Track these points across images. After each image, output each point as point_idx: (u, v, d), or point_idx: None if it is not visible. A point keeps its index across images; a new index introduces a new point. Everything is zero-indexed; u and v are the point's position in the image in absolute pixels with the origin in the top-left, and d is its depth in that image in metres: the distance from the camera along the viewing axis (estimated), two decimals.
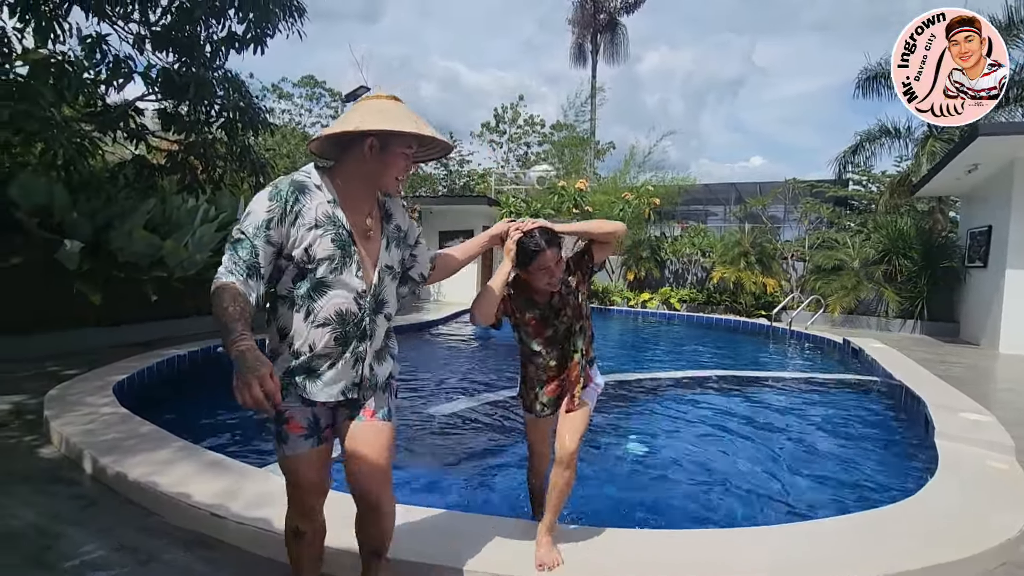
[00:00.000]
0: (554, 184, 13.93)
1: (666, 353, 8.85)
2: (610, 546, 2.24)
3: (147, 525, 2.50)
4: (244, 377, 1.23)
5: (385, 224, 1.68)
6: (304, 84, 26.44)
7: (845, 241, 12.32)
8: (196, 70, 5.42)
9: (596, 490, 3.32)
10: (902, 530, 2.44)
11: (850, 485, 3.52)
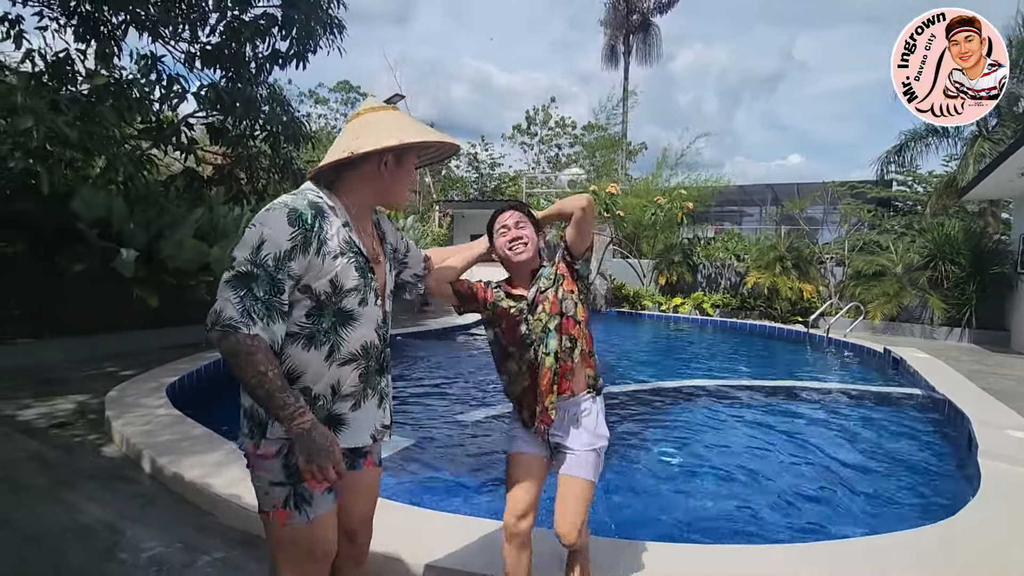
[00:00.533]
0: (584, 187, 13.92)
1: (698, 359, 8.77)
2: (649, 560, 2.29)
3: (203, 524, 2.67)
4: (319, 461, 1.15)
5: (384, 244, 1.55)
6: (339, 89, 27.12)
7: (887, 245, 11.93)
8: (242, 86, 5.69)
9: (628, 500, 3.37)
10: (937, 553, 2.41)
11: (885, 502, 3.47)
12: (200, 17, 5.93)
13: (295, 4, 5.42)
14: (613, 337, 10.72)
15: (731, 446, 4.47)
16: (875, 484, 3.76)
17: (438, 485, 3.51)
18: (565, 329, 1.77)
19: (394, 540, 2.25)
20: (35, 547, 2.42)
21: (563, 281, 1.82)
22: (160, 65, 5.54)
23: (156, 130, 5.51)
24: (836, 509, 3.36)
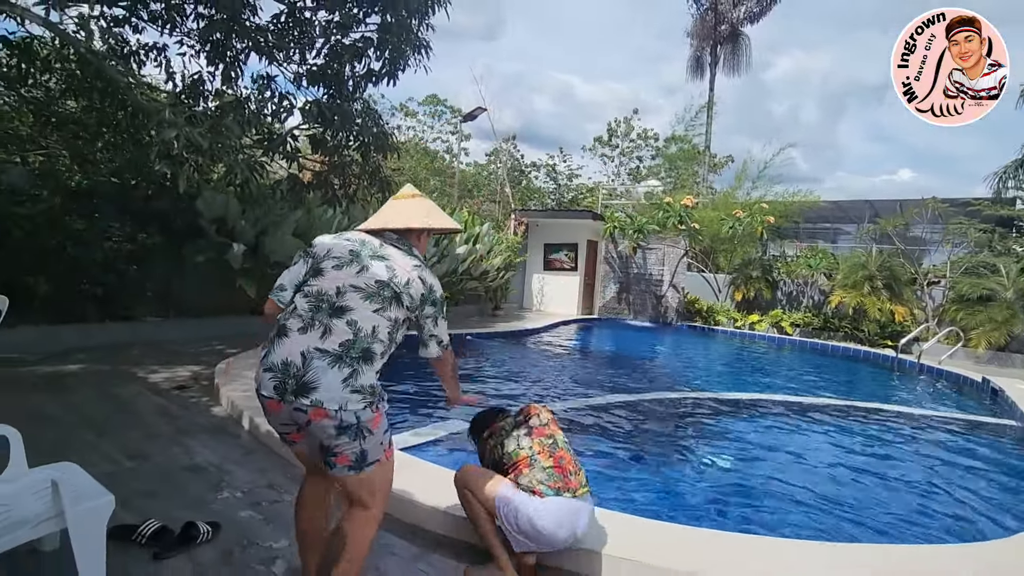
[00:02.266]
0: (660, 199, 13.84)
1: (773, 378, 8.50)
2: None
3: (290, 472, 3.14)
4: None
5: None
6: (428, 103, 28.53)
7: (997, 267, 10.89)
8: (340, 102, 6.38)
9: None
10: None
11: (955, 533, 3.34)
12: (309, 42, 6.72)
13: (389, 28, 6.02)
14: (683, 350, 10.60)
15: (789, 461, 4.43)
16: (942, 510, 3.62)
17: None
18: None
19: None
20: (163, 478, 2.98)
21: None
22: (273, 84, 6.35)
23: (267, 140, 6.31)
24: (896, 536, 3.29)
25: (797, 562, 2.36)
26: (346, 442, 1.68)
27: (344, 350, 1.69)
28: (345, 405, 1.65)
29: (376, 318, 1.76)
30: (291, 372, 1.66)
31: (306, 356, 1.66)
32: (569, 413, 5.28)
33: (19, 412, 3.78)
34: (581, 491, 2.12)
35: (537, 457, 2.13)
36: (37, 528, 1.76)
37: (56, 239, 5.63)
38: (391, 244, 1.94)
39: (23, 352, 5.39)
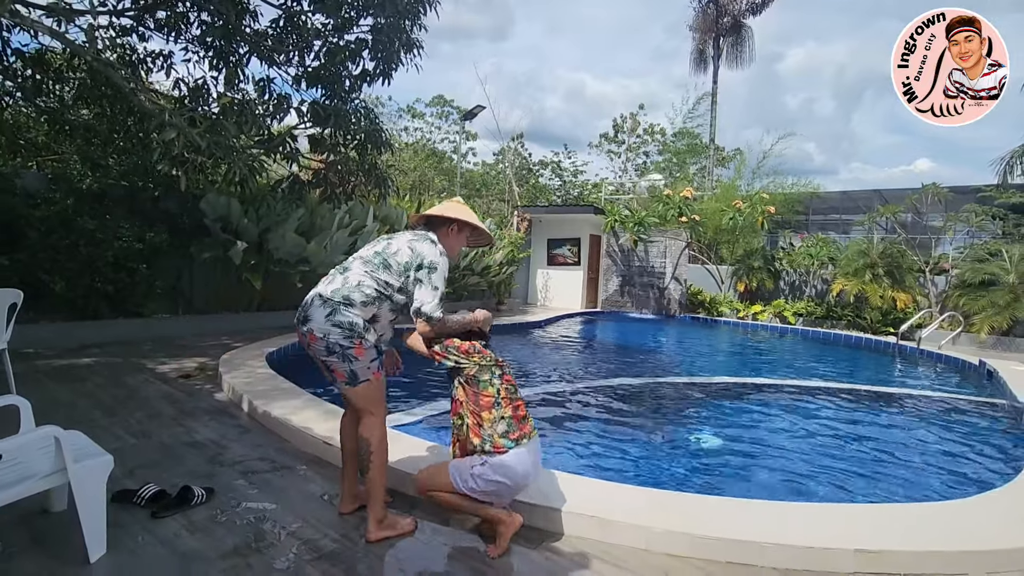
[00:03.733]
0: (660, 193, 13.92)
1: (774, 365, 8.57)
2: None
3: (283, 447, 3.35)
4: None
5: None
6: (435, 104, 28.78)
7: (999, 252, 10.82)
8: (336, 102, 6.60)
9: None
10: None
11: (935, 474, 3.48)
12: (306, 45, 6.94)
13: (381, 30, 6.22)
14: (685, 340, 10.69)
15: (798, 433, 4.57)
16: (917, 478, 3.75)
17: None
18: (455, 410, 2.39)
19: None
20: (165, 452, 3.20)
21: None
22: (272, 86, 6.58)
23: (267, 141, 6.55)
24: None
25: (787, 519, 2.51)
26: (336, 362, 2.23)
27: (331, 295, 2.23)
28: (328, 335, 2.19)
29: (364, 276, 2.27)
30: (303, 307, 2.27)
31: (311, 299, 2.27)
32: (573, 395, 5.45)
33: (32, 397, 4.03)
34: (533, 434, 2.36)
35: (501, 402, 2.30)
36: (45, 480, 1.97)
37: (70, 239, 5.91)
38: (411, 230, 2.48)
39: (40, 347, 5.68)
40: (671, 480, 3.54)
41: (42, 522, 2.33)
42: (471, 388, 2.32)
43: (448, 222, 2.48)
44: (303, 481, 2.91)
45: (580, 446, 4.08)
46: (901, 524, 2.52)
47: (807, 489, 3.48)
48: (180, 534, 2.31)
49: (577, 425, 4.60)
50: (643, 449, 4.16)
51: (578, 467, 3.59)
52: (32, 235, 5.78)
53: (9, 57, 6.68)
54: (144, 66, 7.28)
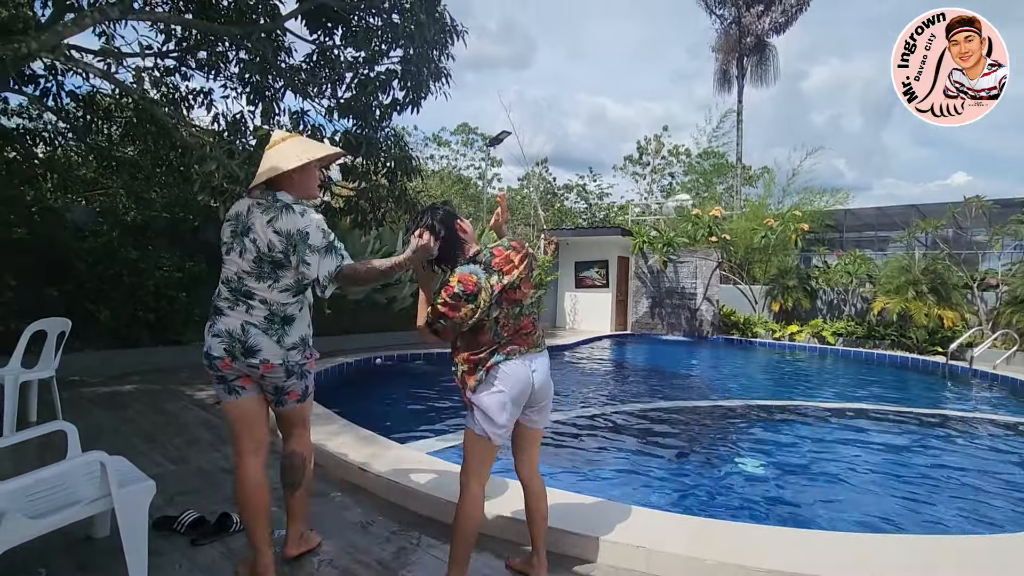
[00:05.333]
0: (688, 213, 13.78)
1: (816, 387, 8.24)
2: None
3: (318, 474, 3.32)
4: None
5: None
6: (460, 132, 29.36)
7: None
8: (367, 131, 6.76)
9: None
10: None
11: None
12: (338, 77, 7.17)
13: (411, 60, 6.39)
14: (720, 362, 10.41)
15: (849, 461, 4.35)
16: (953, 501, 3.50)
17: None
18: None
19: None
20: (203, 479, 3.21)
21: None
22: (306, 117, 6.79)
23: None
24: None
25: (826, 551, 2.36)
26: (295, 383, 2.16)
27: (266, 320, 2.08)
28: (286, 359, 2.10)
29: (275, 293, 2.07)
30: (235, 340, 2.06)
31: (243, 328, 2.06)
32: (608, 419, 5.33)
33: (78, 424, 4.12)
34: (534, 350, 2.06)
35: (500, 331, 2.01)
36: (91, 506, 1.98)
37: (114, 270, 6.13)
38: (255, 205, 2.09)
39: (85, 375, 5.85)
40: (715, 508, 3.38)
41: (85, 548, 2.35)
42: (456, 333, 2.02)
43: (285, 175, 2.08)
44: (339, 508, 2.88)
45: (618, 472, 3.95)
46: (969, 557, 2.33)
47: (862, 518, 3.28)
48: (218, 562, 2.29)
49: (613, 450, 4.47)
50: (683, 475, 4.00)
51: (617, 494, 3.46)
52: (80, 266, 6.01)
53: (63, 99, 7.07)
54: (186, 103, 7.62)
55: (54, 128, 7.86)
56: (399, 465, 3.19)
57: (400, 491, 2.94)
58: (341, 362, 7.08)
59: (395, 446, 3.61)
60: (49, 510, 1.89)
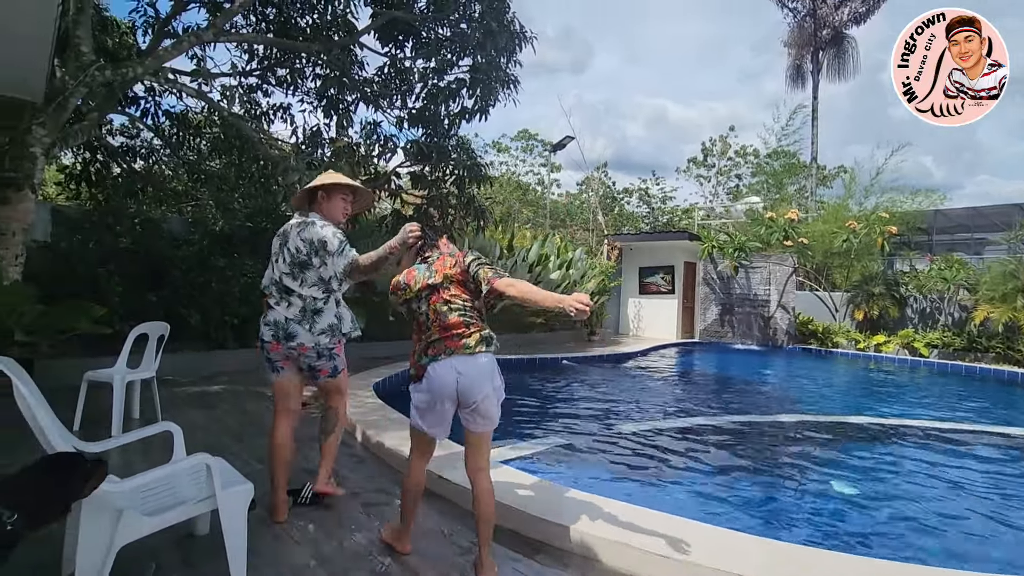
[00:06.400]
0: (760, 216, 13.14)
1: (910, 403, 7.58)
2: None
3: (396, 479, 3.35)
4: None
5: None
6: (519, 138, 29.50)
7: None
8: (437, 140, 6.89)
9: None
10: None
11: None
12: (408, 88, 7.36)
13: (480, 68, 6.45)
14: (798, 373, 9.83)
15: (946, 487, 3.96)
16: None
17: (586, 475, 3.79)
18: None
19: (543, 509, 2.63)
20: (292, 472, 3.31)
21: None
22: (379, 129, 7.00)
23: (374, 179, 6.95)
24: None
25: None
26: (324, 362, 2.73)
27: (300, 314, 2.66)
28: (317, 343, 2.67)
29: (306, 289, 2.65)
30: (279, 329, 2.65)
31: (283, 321, 2.65)
32: (680, 432, 5.12)
33: (178, 423, 4.40)
34: (463, 351, 2.18)
35: (429, 326, 2.26)
36: (196, 506, 2.06)
37: (204, 277, 6.53)
38: (296, 224, 2.70)
39: (178, 375, 6.24)
40: (798, 533, 3.13)
41: (189, 544, 2.45)
42: (409, 320, 2.37)
43: (314, 192, 2.77)
44: (421, 515, 2.87)
45: (696, 489, 3.76)
46: None
47: (968, 552, 2.93)
48: (310, 565, 2.33)
49: (686, 465, 4.26)
50: (767, 495, 3.75)
51: (696, 512, 3.28)
52: (175, 273, 6.44)
53: (160, 117, 7.64)
54: (266, 118, 8.05)
55: (150, 145, 8.51)
56: None
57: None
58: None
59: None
60: (160, 508, 1.98)
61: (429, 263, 2.32)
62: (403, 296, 2.32)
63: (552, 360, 9.13)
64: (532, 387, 7.08)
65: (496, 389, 2.23)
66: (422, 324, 2.28)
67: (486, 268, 2.25)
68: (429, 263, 2.32)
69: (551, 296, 2.04)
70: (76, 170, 7.83)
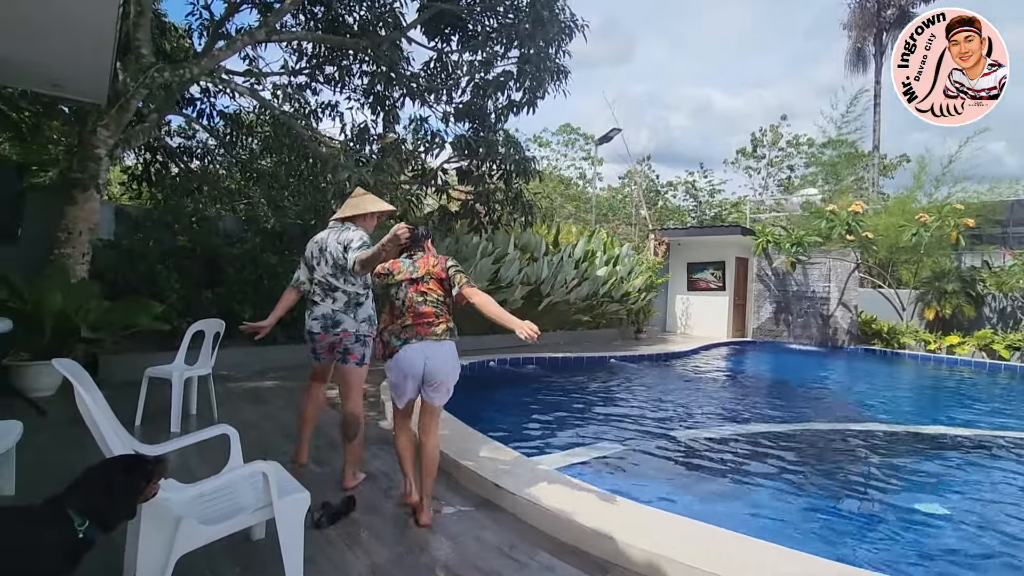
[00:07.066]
0: (820, 209, 12.44)
1: (994, 411, 6.97)
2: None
3: (449, 483, 3.25)
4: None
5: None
6: (561, 132, 29.16)
7: None
8: (484, 134, 6.76)
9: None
10: None
11: None
12: (454, 83, 7.26)
13: (529, 59, 6.27)
14: (863, 376, 9.25)
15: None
16: None
17: (643, 487, 3.59)
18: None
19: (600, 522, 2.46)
20: (336, 482, 3.25)
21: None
22: (425, 124, 6.94)
23: (421, 175, 6.89)
24: None
25: None
26: (357, 347, 3.10)
27: (345, 307, 3.07)
28: (357, 330, 3.08)
29: (347, 286, 3.06)
30: (327, 319, 3.06)
31: (331, 313, 3.06)
32: (739, 441, 4.83)
33: (233, 419, 4.46)
34: (431, 338, 2.61)
35: (404, 311, 2.66)
36: (254, 515, 1.99)
37: (256, 273, 6.63)
38: (332, 231, 3.11)
39: (232, 370, 6.37)
40: (875, 558, 2.83)
41: (245, 549, 2.40)
42: (386, 302, 2.75)
43: (351, 219, 3.15)
44: (477, 527, 2.75)
45: (759, 505, 3.49)
46: None
47: None
48: (365, 574, 2.24)
49: (753, 478, 3.98)
50: (840, 512, 3.45)
51: (759, 530, 3.03)
52: (229, 270, 6.56)
53: (215, 118, 7.81)
54: (315, 116, 8.13)
55: (205, 145, 8.74)
56: (534, 483, 3.02)
57: (539, 514, 2.76)
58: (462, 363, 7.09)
59: (525, 460, 3.45)
60: (219, 517, 1.92)
61: (413, 259, 2.73)
62: (385, 280, 2.74)
63: (600, 359, 8.89)
64: (582, 387, 6.88)
65: (454, 370, 2.68)
66: (396, 309, 2.69)
67: (461, 275, 2.70)
68: (413, 259, 2.73)
69: (505, 315, 2.50)
70: (138, 170, 8.12)
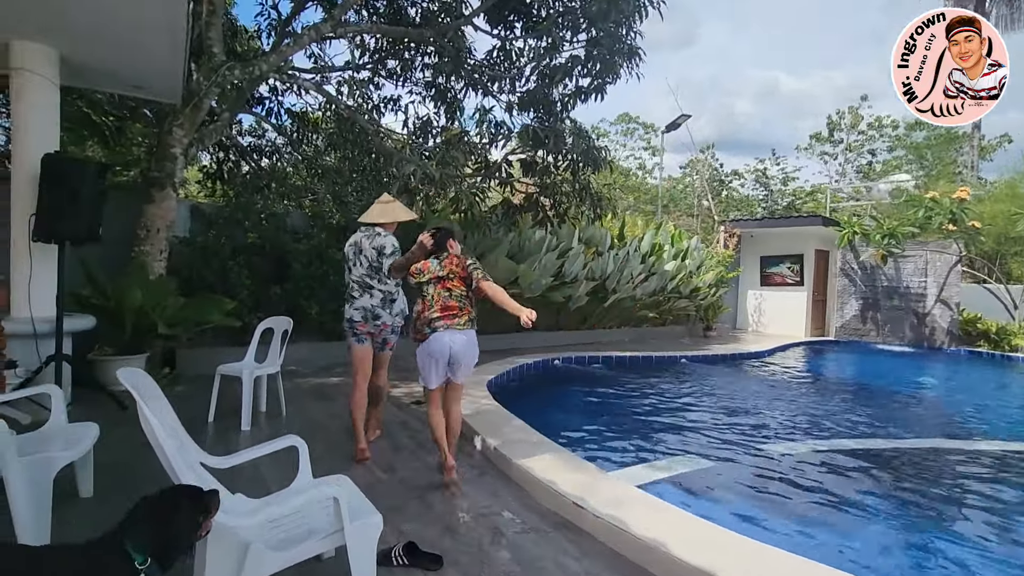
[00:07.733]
0: (915, 196, 11.30)
1: None
2: None
3: (523, 500, 3.01)
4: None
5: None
6: (620, 121, 28.36)
7: None
8: (551, 123, 6.45)
9: None
10: None
11: None
12: (518, 72, 6.98)
13: (599, 42, 5.90)
14: (974, 384, 8.30)
15: None
16: None
17: (742, 511, 3.21)
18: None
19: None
20: (409, 493, 3.08)
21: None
22: (489, 115, 6.70)
23: (485, 168, 6.68)
24: None
25: None
26: (394, 337, 3.71)
27: (383, 302, 3.57)
28: (394, 322, 3.65)
29: (382, 284, 3.55)
30: (371, 312, 3.53)
31: (373, 307, 3.54)
32: (828, 456, 4.34)
33: (297, 418, 4.43)
34: (455, 326, 3.06)
35: (433, 304, 3.10)
36: (325, 541, 1.82)
37: (322, 269, 6.65)
38: (364, 236, 3.57)
39: (298, 366, 6.42)
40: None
41: (312, 569, 2.25)
42: (419, 295, 3.16)
43: (381, 225, 3.62)
44: (557, 551, 2.49)
45: (869, 537, 3.04)
46: None
47: None
48: None
49: (863, 505, 3.50)
50: (944, 545, 2.94)
51: (870, 566, 2.60)
52: (296, 267, 6.61)
53: (282, 116, 7.92)
54: (378, 110, 8.09)
55: (273, 143, 8.91)
56: (616, 503, 2.72)
57: (624, 540, 2.47)
58: (521, 363, 6.88)
59: (603, 476, 3.16)
60: (288, 543, 1.76)
61: (440, 260, 3.18)
62: (418, 279, 3.17)
63: (670, 359, 8.43)
64: (653, 390, 6.48)
65: (474, 355, 3.18)
66: (427, 302, 3.11)
67: (479, 271, 3.14)
68: (440, 260, 3.18)
69: (510, 302, 3.03)
70: (212, 169, 8.38)
